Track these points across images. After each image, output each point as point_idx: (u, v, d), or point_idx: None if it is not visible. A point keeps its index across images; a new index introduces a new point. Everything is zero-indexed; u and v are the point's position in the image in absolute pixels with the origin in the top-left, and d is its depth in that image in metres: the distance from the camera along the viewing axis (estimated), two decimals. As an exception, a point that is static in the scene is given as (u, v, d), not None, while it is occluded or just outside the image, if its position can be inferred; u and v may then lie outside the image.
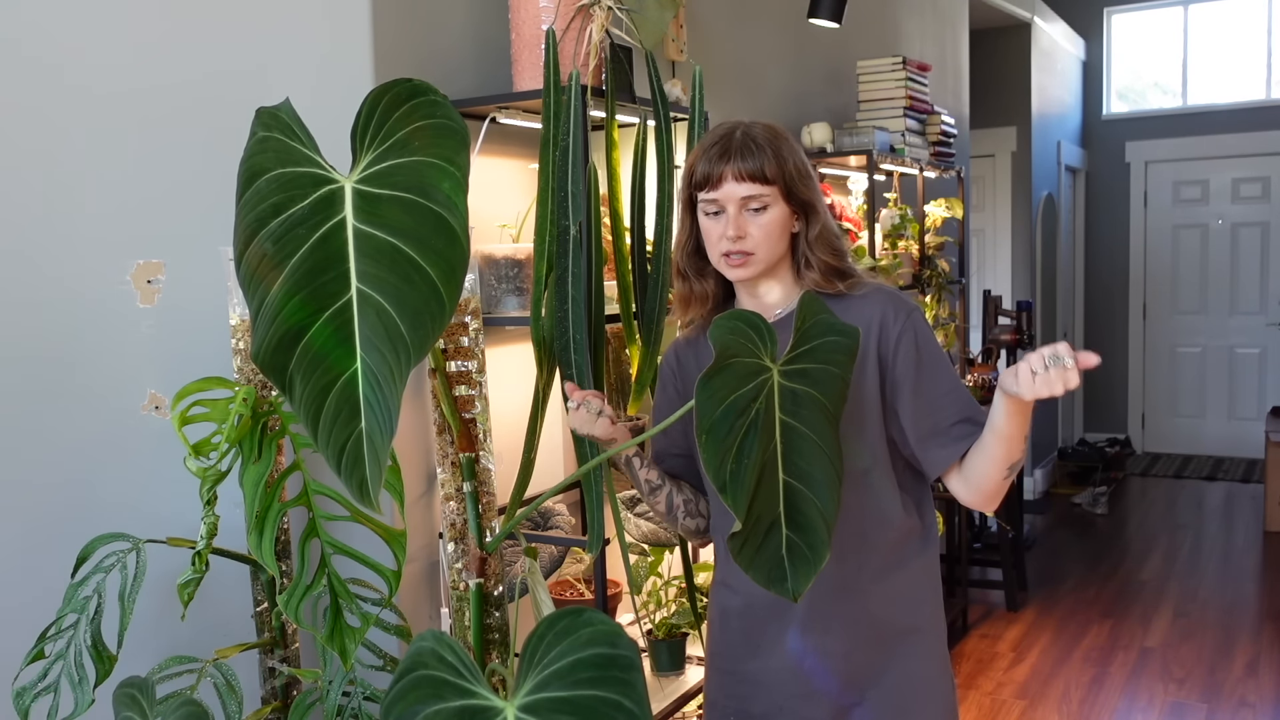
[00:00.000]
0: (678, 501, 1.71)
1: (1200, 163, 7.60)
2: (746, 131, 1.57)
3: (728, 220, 1.56)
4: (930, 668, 1.67)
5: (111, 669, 1.65)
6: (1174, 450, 7.86)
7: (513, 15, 2.12)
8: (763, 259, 1.58)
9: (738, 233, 1.55)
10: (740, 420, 1.27)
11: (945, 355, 1.60)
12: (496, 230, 2.28)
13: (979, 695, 3.85)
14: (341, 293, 1.12)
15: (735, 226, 1.55)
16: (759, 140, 1.56)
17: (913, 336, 1.58)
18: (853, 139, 3.55)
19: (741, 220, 1.56)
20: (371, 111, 1.19)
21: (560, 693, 1.06)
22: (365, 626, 1.58)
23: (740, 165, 1.54)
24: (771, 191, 1.55)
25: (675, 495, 1.71)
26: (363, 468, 1.07)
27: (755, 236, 1.56)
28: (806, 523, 1.31)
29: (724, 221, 1.56)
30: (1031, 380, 1.34)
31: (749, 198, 1.55)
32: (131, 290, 1.96)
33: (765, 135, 1.57)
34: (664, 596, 2.43)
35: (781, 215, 1.57)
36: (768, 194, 1.55)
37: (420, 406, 2.11)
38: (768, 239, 1.56)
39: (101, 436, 1.93)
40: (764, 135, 1.57)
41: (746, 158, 1.54)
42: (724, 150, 1.56)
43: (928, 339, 1.60)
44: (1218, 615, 4.61)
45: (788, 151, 1.58)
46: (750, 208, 1.56)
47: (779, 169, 1.55)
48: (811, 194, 1.59)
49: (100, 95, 1.94)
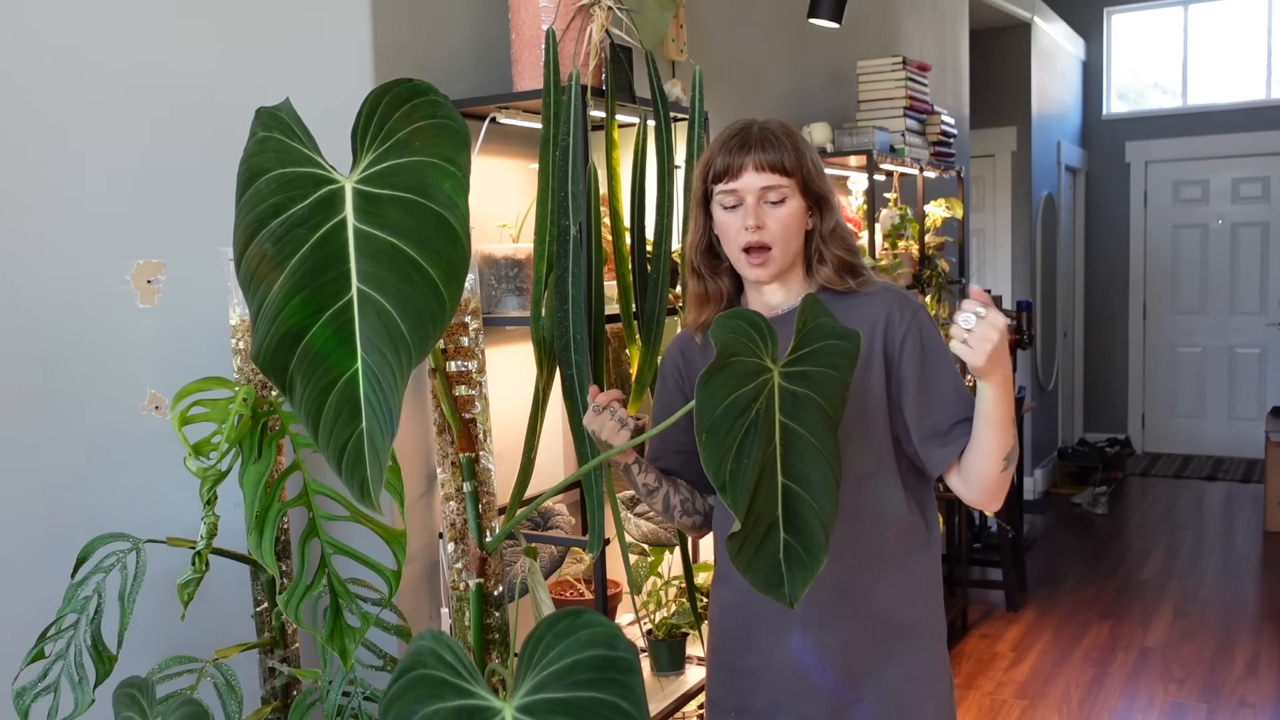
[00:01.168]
0: (675, 501, 1.72)
1: (1200, 163, 7.60)
2: (764, 126, 1.59)
3: (746, 211, 1.56)
4: (929, 666, 1.68)
5: (111, 669, 1.65)
6: (1174, 450, 7.86)
7: (513, 15, 2.12)
8: (779, 256, 1.59)
9: (757, 222, 1.56)
10: (741, 420, 1.27)
11: (950, 355, 1.59)
12: (496, 230, 2.28)
13: (979, 695, 3.85)
14: (342, 293, 1.12)
15: (755, 216, 1.56)
16: (777, 134, 1.58)
17: (918, 335, 1.59)
18: (853, 139, 3.55)
19: (760, 211, 1.56)
20: (372, 111, 1.19)
21: (558, 694, 1.06)
22: (365, 626, 1.58)
23: (761, 156, 1.55)
24: (790, 184, 1.57)
25: (672, 495, 1.71)
26: (363, 468, 1.07)
27: (773, 229, 1.57)
28: (804, 527, 1.31)
29: (742, 213, 1.57)
30: (969, 348, 1.37)
31: (768, 188, 1.56)
32: (131, 290, 1.96)
33: (782, 130, 1.60)
34: (664, 596, 2.43)
35: (798, 209, 1.59)
36: (786, 186, 1.56)
37: (420, 406, 2.11)
38: (785, 231, 1.57)
39: (101, 437, 1.93)
40: (781, 130, 1.59)
41: (767, 149, 1.56)
42: (744, 142, 1.57)
43: (933, 338, 1.60)
44: (1218, 615, 4.61)
45: (804, 146, 1.60)
46: (769, 200, 1.56)
47: (797, 161, 1.57)
48: (827, 189, 1.61)
49: (100, 95, 1.94)
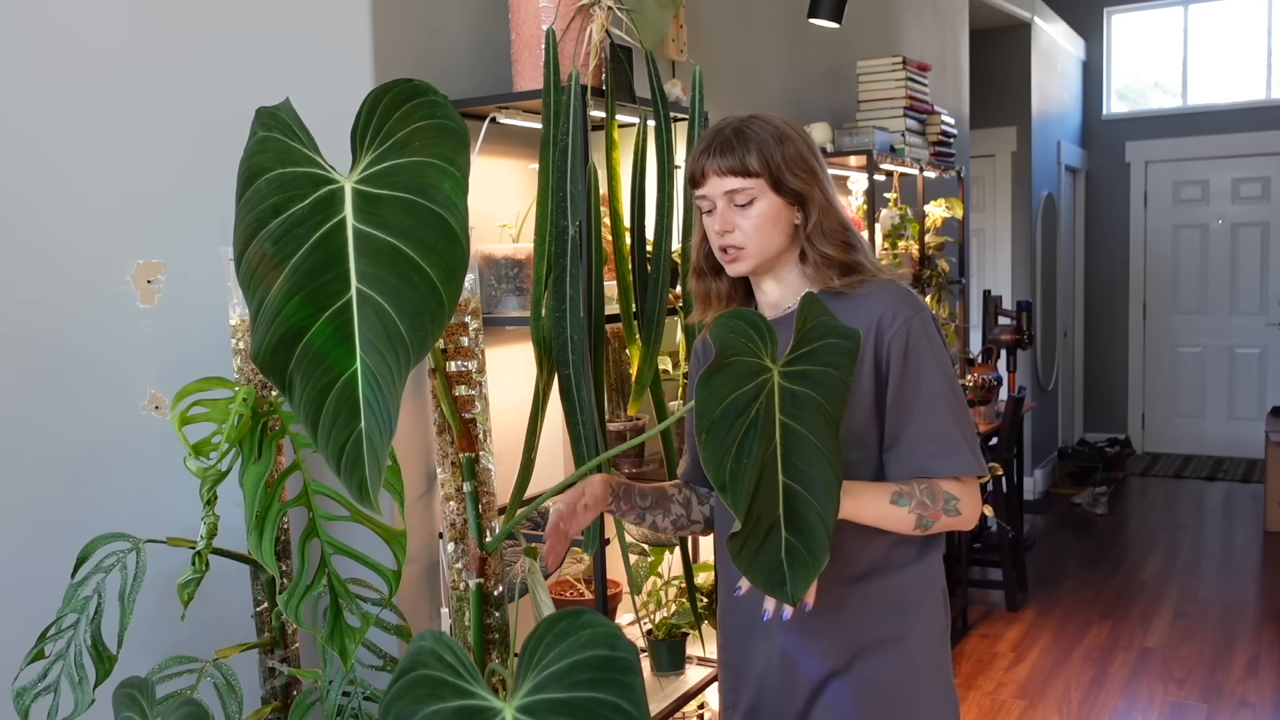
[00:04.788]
0: (665, 524, 1.70)
1: (1200, 163, 7.60)
2: (739, 127, 1.55)
3: (716, 215, 1.56)
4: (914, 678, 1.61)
5: (111, 669, 1.65)
6: (1174, 450, 7.86)
7: (513, 15, 2.12)
8: (755, 253, 1.56)
9: (724, 227, 1.55)
10: (740, 419, 1.27)
11: (940, 365, 1.54)
12: (496, 230, 2.28)
13: (979, 695, 3.85)
14: (341, 293, 1.12)
15: (722, 221, 1.55)
16: (745, 134, 1.53)
17: (904, 340, 1.53)
18: (853, 139, 3.55)
19: (729, 215, 1.55)
20: (371, 111, 1.18)
21: (558, 694, 1.06)
22: (365, 626, 1.58)
23: (720, 161, 1.53)
24: (756, 184, 1.53)
25: (661, 519, 1.69)
26: (362, 468, 1.07)
27: (745, 230, 1.54)
28: (806, 526, 1.31)
29: (714, 217, 1.57)
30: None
31: (733, 192, 1.53)
32: (131, 290, 1.96)
33: (756, 128, 1.54)
34: (664, 596, 2.43)
35: (771, 208, 1.54)
36: (752, 186, 1.53)
37: (420, 406, 2.11)
38: (758, 232, 1.54)
39: (101, 436, 1.93)
40: (754, 128, 1.54)
41: (725, 153, 1.53)
42: (706, 147, 1.55)
43: (919, 345, 1.53)
44: (1218, 615, 4.61)
45: (778, 142, 1.53)
46: (736, 202, 1.54)
47: (763, 160, 1.52)
48: (807, 185, 1.55)
49: (101, 96, 1.94)
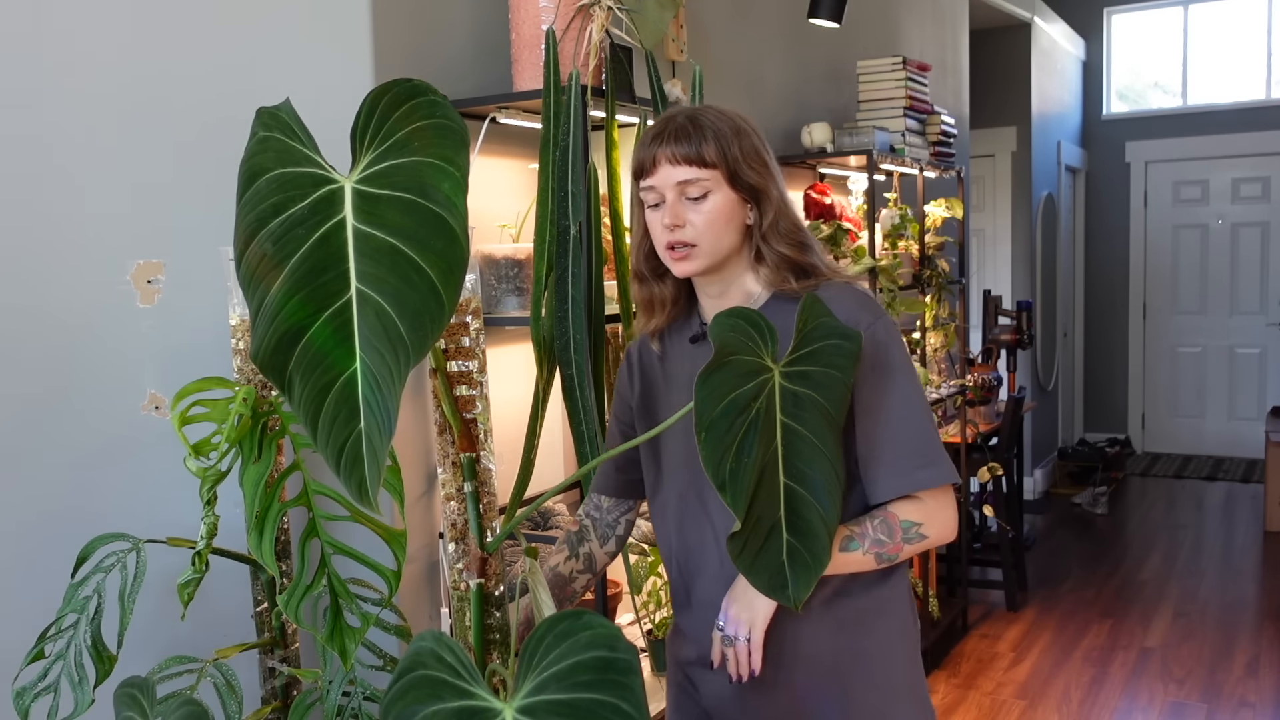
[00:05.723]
0: (580, 589, 1.65)
1: (1200, 163, 7.60)
2: (691, 115, 1.44)
3: (665, 208, 1.44)
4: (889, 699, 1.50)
5: (111, 669, 1.65)
6: (1174, 450, 7.86)
7: (513, 15, 2.12)
8: (706, 251, 1.44)
9: (674, 221, 1.42)
10: (740, 419, 1.27)
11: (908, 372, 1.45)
12: (496, 230, 2.28)
13: (979, 695, 3.85)
14: (341, 293, 1.11)
15: (672, 215, 1.42)
16: (701, 123, 1.43)
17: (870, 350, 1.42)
18: (853, 139, 3.55)
19: (679, 208, 1.42)
20: (371, 111, 1.18)
21: (559, 695, 1.06)
22: (365, 626, 1.58)
23: (674, 148, 1.42)
24: (712, 176, 1.42)
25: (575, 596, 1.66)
26: (361, 468, 1.07)
27: (697, 225, 1.42)
28: (808, 528, 1.30)
29: (663, 211, 1.44)
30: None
31: (686, 183, 1.42)
32: (131, 290, 1.96)
33: (710, 118, 1.44)
34: (664, 597, 2.43)
35: (725, 203, 1.43)
36: (707, 178, 1.42)
37: (421, 406, 2.11)
38: (710, 228, 1.43)
39: (101, 436, 1.93)
40: (709, 118, 1.44)
41: (681, 140, 1.42)
42: (658, 134, 1.44)
43: (887, 352, 1.43)
44: (1218, 615, 4.61)
45: (734, 134, 1.43)
46: (689, 195, 1.42)
47: (720, 151, 1.41)
48: (763, 179, 1.45)
49: (101, 96, 1.94)
